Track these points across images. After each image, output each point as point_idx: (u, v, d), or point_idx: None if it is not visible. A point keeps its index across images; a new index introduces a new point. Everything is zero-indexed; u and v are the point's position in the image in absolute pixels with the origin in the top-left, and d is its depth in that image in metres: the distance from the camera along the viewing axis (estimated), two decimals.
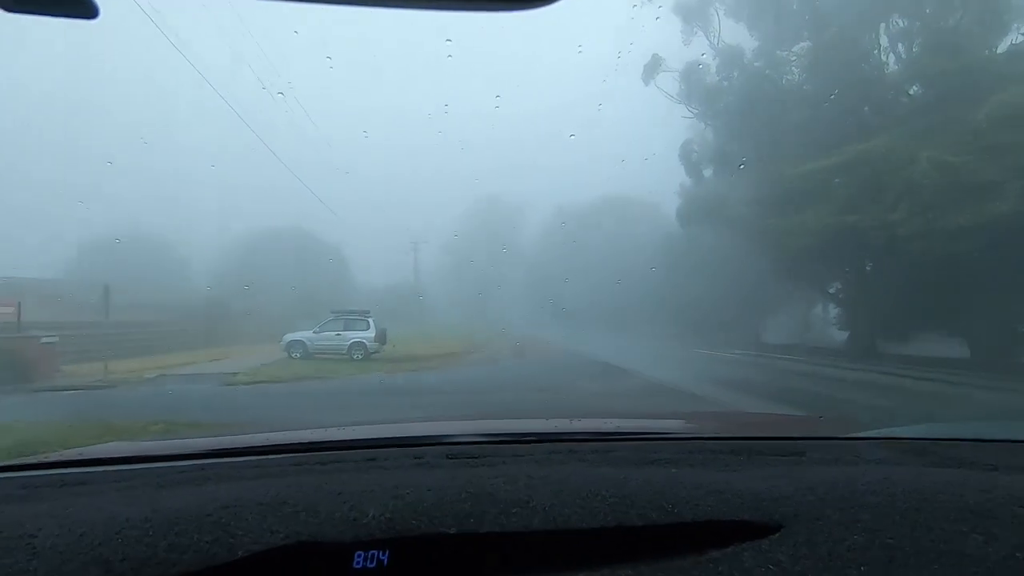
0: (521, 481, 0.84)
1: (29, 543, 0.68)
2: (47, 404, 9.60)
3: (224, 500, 0.79)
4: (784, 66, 21.07)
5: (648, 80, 22.23)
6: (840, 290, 21.82)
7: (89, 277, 18.79)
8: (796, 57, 20.72)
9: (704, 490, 0.82)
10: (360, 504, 0.76)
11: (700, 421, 2.10)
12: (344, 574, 0.71)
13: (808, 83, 20.25)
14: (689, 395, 9.39)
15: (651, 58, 22.09)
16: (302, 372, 13.66)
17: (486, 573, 0.72)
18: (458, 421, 1.84)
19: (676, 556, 0.71)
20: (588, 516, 0.75)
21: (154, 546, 0.67)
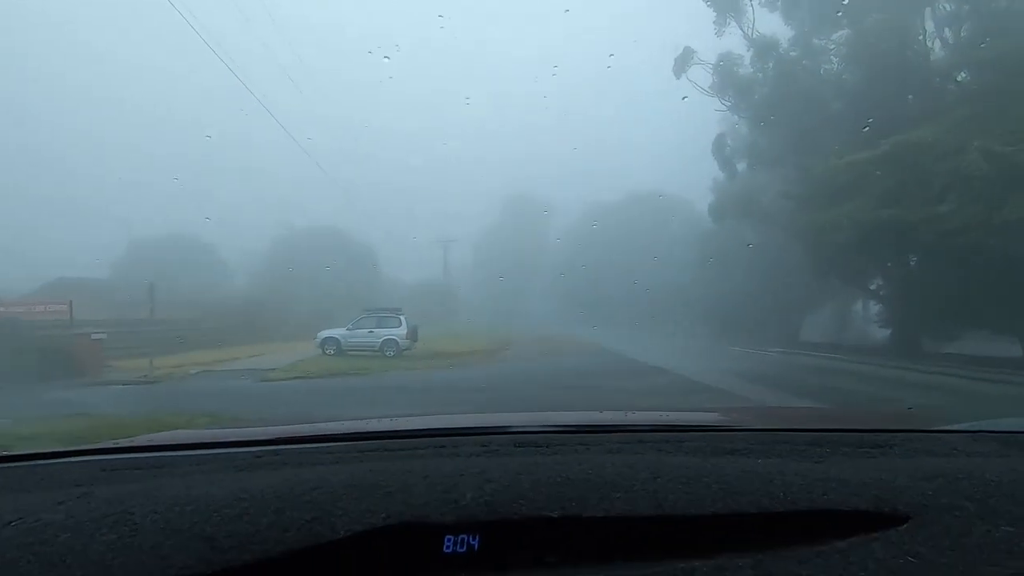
0: (609, 468, 0.82)
1: (129, 519, 0.70)
2: (98, 397, 10.02)
3: (312, 482, 0.79)
4: (822, 55, 20.45)
5: (679, 73, 21.86)
6: (882, 286, 21.09)
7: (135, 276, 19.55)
8: (835, 46, 20.09)
9: (809, 479, 0.80)
10: (455, 487, 0.76)
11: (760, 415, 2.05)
12: (434, 557, 0.70)
13: (847, 72, 19.61)
14: (728, 393, 9.19)
15: (682, 51, 21.73)
16: (336, 368, 13.91)
17: (589, 557, 0.70)
18: (518, 413, 1.84)
19: (796, 545, 0.68)
20: (694, 502, 0.73)
21: (255, 523, 0.68)
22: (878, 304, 22.12)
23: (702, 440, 1.17)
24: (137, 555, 0.63)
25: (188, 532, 0.67)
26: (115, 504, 0.74)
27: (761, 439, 1.19)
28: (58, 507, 0.75)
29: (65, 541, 0.66)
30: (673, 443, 1.13)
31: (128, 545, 0.65)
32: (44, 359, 12.05)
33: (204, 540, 0.65)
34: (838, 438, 1.19)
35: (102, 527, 0.68)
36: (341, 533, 0.67)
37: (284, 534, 0.67)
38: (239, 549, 0.64)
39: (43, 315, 15.40)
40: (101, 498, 0.78)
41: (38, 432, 5.86)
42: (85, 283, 20.98)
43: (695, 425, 1.42)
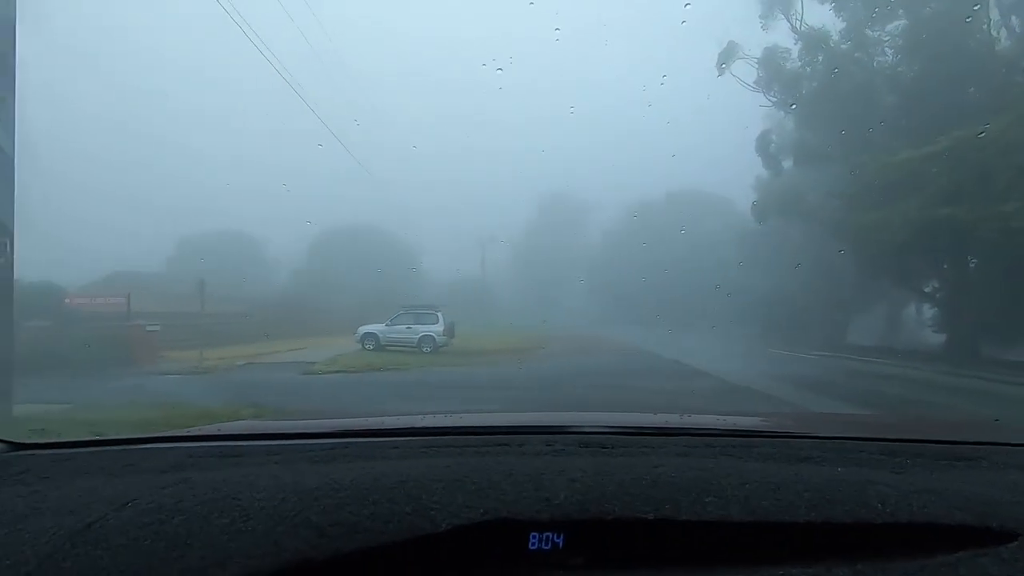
0: (690, 472, 0.82)
1: (236, 504, 0.73)
2: (153, 387, 10.50)
3: (394, 476, 0.81)
4: (875, 47, 19.59)
5: (722, 68, 21.30)
6: (937, 288, 20.10)
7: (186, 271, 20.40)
8: (889, 37, 19.21)
9: (903, 490, 0.77)
10: (543, 486, 0.76)
11: (822, 421, 1.99)
12: (520, 554, 0.71)
13: (903, 64, 18.74)
14: (774, 398, 8.93)
15: (726, 45, 21.17)
16: (375, 363, 14.19)
17: (683, 560, 0.70)
18: (575, 412, 1.84)
19: (897, 557, 0.67)
20: (787, 509, 0.72)
21: (357, 514, 0.71)
22: (932, 307, 21.10)
23: (772, 446, 1.14)
24: (251, 539, 0.67)
25: (295, 519, 0.70)
26: (217, 489, 0.78)
27: (833, 447, 1.16)
28: (164, 491, 0.79)
29: (181, 523, 0.70)
30: (742, 448, 1.12)
31: (241, 529, 0.68)
32: (104, 349, 12.70)
33: (312, 528, 0.68)
34: (915, 448, 1.15)
35: (212, 511, 0.72)
36: (442, 527, 0.69)
37: (386, 525, 0.69)
38: (345, 538, 0.67)
39: (103, 307, 16.24)
40: (200, 483, 0.82)
41: (104, 417, 6.21)
42: (140, 277, 22.03)
43: (759, 430, 1.39)
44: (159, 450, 1.21)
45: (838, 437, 1.30)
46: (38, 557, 0.65)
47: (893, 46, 19.06)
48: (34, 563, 0.64)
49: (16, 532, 0.70)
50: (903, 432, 1.56)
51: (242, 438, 1.39)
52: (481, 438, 1.25)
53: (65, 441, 1.31)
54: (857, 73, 18.96)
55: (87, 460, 1.10)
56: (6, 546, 0.67)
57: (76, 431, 4.32)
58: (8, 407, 5.64)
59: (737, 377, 11.12)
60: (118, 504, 0.75)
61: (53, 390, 7.80)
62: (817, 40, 19.83)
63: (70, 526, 0.70)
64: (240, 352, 15.48)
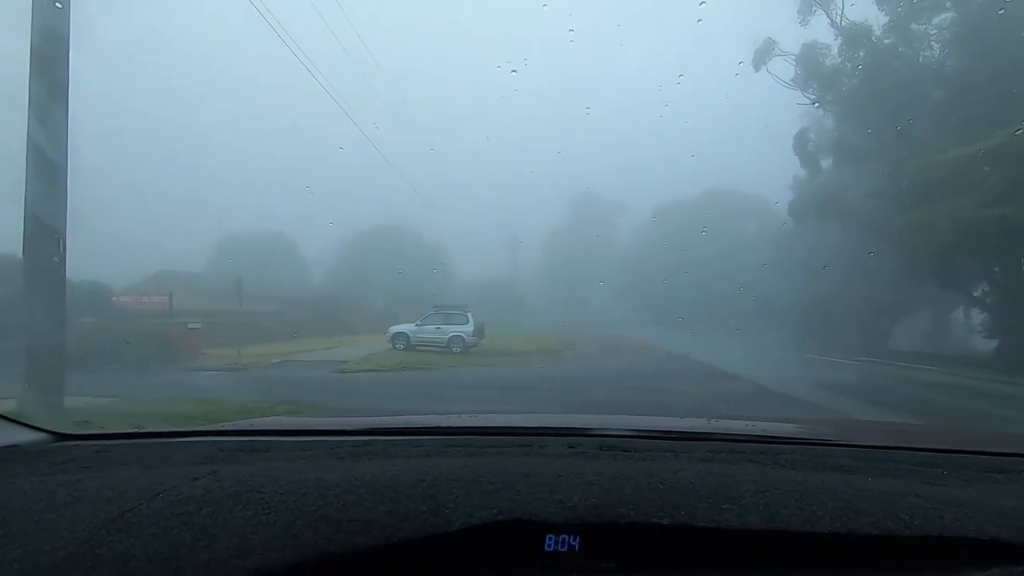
0: (710, 478, 0.80)
1: (259, 498, 0.75)
2: (194, 382, 10.88)
3: (414, 475, 0.83)
4: (921, 41, 18.82)
5: (759, 66, 20.78)
6: (987, 292, 19.16)
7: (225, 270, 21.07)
8: (936, 31, 18.43)
9: (936, 502, 0.74)
10: (558, 488, 0.76)
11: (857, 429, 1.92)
12: (535, 555, 0.71)
13: (951, 59, 17.94)
14: (809, 404, 8.67)
15: (763, 42, 20.67)
16: (405, 362, 14.36)
17: (698, 567, 0.69)
18: (599, 415, 1.83)
19: (927, 571, 0.64)
20: (810, 519, 0.70)
21: (374, 511, 0.72)
22: (982, 311, 20.13)
23: (800, 454, 1.11)
24: (272, 532, 0.69)
25: (315, 514, 0.72)
26: (243, 483, 0.81)
27: (865, 456, 1.12)
28: (194, 482, 0.82)
29: (208, 514, 0.73)
30: (769, 455, 1.09)
31: (263, 522, 0.70)
32: (148, 345, 13.23)
33: (330, 523, 0.70)
34: (954, 459, 1.10)
35: (237, 504, 0.74)
36: (456, 526, 0.70)
37: (403, 522, 0.70)
38: (363, 534, 0.68)
39: (147, 305, 16.94)
40: (229, 476, 0.85)
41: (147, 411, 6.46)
42: (182, 276, 22.87)
43: (789, 437, 1.35)
44: (193, 443, 1.26)
45: (871, 446, 1.26)
46: (75, 543, 0.68)
47: (940, 40, 18.29)
48: (71, 548, 0.67)
49: (57, 518, 0.74)
50: (942, 442, 1.50)
51: (272, 434, 1.43)
52: (503, 439, 1.26)
53: (106, 433, 1.38)
54: (901, 68, 18.27)
55: (126, 452, 1.15)
56: (47, 531, 0.71)
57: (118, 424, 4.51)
58: (60, 399, 5.94)
59: (772, 382, 10.83)
60: (151, 494, 0.79)
61: (100, 384, 8.17)
62: (859, 35, 19.17)
63: (106, 514, 0.74)
64: (275, 350, 15.89)
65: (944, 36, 18.06)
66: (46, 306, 6.03)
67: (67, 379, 6.08)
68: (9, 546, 0.68)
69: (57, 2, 5.84)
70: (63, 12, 5.97)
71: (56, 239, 5.97)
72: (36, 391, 5.71)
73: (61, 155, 5.96)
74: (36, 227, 5.90)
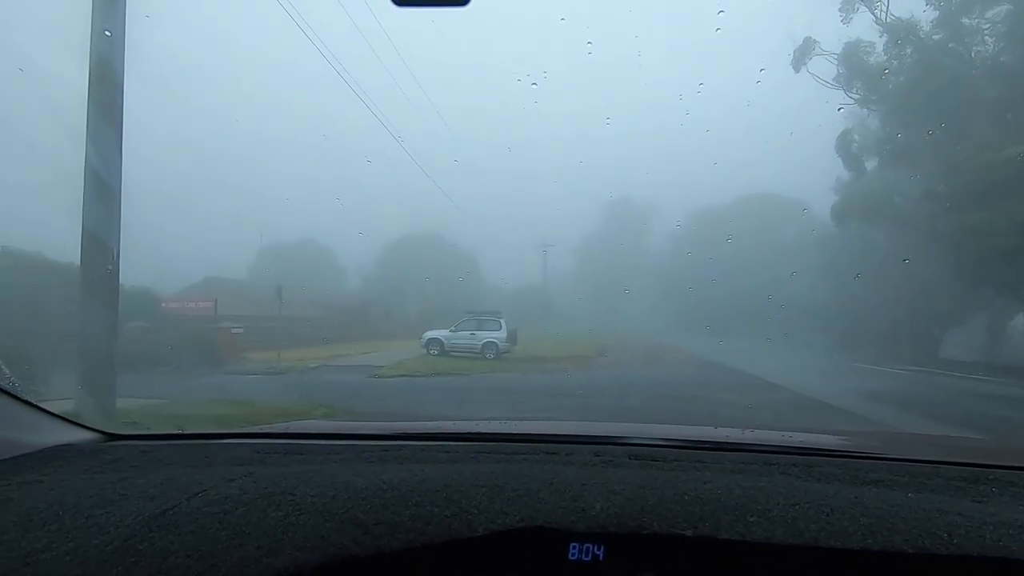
0: (738, 489, 0.79)
1: (291, 499, 0.78)
2: (236, 385, 11.24)
3: (439, 480, 0.84)
4: (973, 36, 18.03)
5: (799, 66, 20.29)
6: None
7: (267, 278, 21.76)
8: (990, 25, 17.61)
9: (977, 520, 0.71)
10: (581, 496, 0.76)
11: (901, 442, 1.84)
12: (559, 564, 0.71)
13: (1006, 54, 17.12)
14: (854, 415, 8.32)
15: (802, 42, 20.18)
16: (439, 368, 14.48)
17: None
18: (629, 423, 1.81)
19: None
20: (838, 534, 0.68)
21: (399, 514, 0.74)
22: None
23: (836, 466, 1.08)
24: (302, 532, 0.71)
25: (343, 516, 0.74)
26: (277, 484, 0.84)
27: (908, 471, 1.07)
28: (231, 483, 0.86)
29: (243, 513, 0.76)
30: (803, 467, 1.06)
31: (293, 523, 0.73)
32: (194, 349, 13.77)
33: (357, 525, 0.72)
34: (1005, 476, 1.04)
35: (270, 504, 0.77)
36: (479, 531, 0.70)
37: (426, 527, 0.71)
38: (388, 537, 0.70)
39: (194, 310, 17.63)
40: (263, 478, 0.88)
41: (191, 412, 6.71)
42: (226, 282, 23.70)
43: (826, 449, 1.31)
44: (232, 445, 1.31)
45: (914, 460, 1.21)
46: (121, 538, 0.72)
47: (994, 34, 17.48)
48: (118, 543, 0.71)
49: (105, 515, 0.78)
50: (994, 458, 1.42)
51: (306, 437, 1.47)
52: (530, 446, 1.26)
53: (153, 434, 1.44)
54: (952, 65, 17.52)
55: (170, 452, 1.20)
56: (96, 527, 0.75)
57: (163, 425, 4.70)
58: (112, 401, 6.23)
59: (813, 392, 10.45)
60: (190, 493, 0.82)
61: (149, 385, 8.53)
62: (905, 31, 18.50)
63: (149, 511, 0.78)
64: (313, 354, 16.28)
65: (999, 30, 17.25)
66: (100, 312, 6.36)
67: (118, 381, 6.39)
68: (62, 540, 0.72)
69: (106, 31, 6.20)
70: (117, 41, 6.33)
71: (110, 249, 6.30)
72: (90, 393, 6.01)
73: (115, 173, 6.32)
74: (92, 237, 6.24)
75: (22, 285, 9.89)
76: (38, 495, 0.85)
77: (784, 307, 22.04)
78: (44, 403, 1.30)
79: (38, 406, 1.27)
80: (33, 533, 0.74)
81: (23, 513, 0.79)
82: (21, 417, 1.21)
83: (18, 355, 6.52)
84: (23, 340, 7.24)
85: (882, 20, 19.24)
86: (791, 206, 32.51)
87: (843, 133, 21.43)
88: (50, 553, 0.70)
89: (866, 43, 19.39)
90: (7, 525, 0.76)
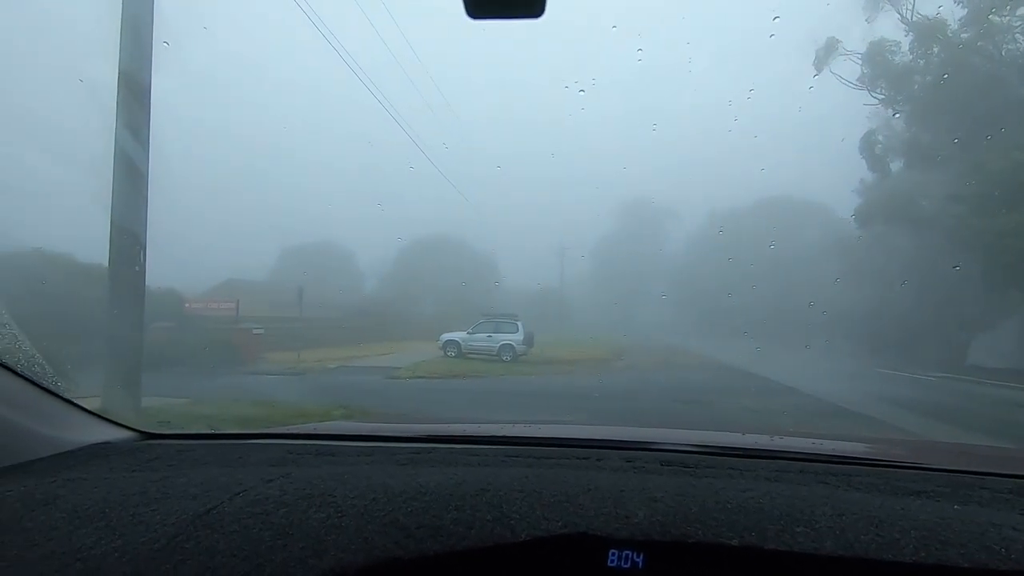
0: (779, 498, 0.77)
1: (332, 501, 0.79)
2: (256, 385, 11.40)
3: (475, 483, 0.84)
4: (1003, 34, 17.58)
5: (821, 67, 19.99)
6: None
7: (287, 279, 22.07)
8: (1021, 22, 17.17)
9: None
10: (622, 503, 0.76)
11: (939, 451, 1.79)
12: (597, 571, 0.71)
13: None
14: (879, 422, 8.13)
15: (825, 42, 19.87)
16: (456, 370, 14.53)
17: None
18: (657, 428, 1.79)
19: None
20: (890, 547, 0.66)
21: (441, 517, 0.74)
22: None
23: (876, 476, 1.05)
24: (345, 535, 0.72)
25: (384, 519, 0.74)
26: (314, 486, 0.84)
27: (950, 481, 1.04)
28: (269, 484, 0.87)
29: (284, 514, 0.76)
30: (840, 476, 1.03)
31: (336, 525, 0.73)
32: (216, 349, 13.99)
33: (399, 528, 0.72)
34: None
35: (311, 506, 0.78)
36: (522, 536, 0.70)
37: (468, 530, 0.71)
38: (430, 540, 0.70)
39: (216, 311, 17.93)
40: (300, 479, 0.89)
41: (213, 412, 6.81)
42: (248, 284, 24.08)
43: (860, 457, 1.28)
44: (264, 445, 1.32)
45: (956, 470, 1.17)
46: (167, 536, 0.73)
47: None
48: (164, 541, 0.72)
49: (150, 513, 0.80)
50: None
51: (335, 438, 1.48)
52: (559, 450, 1.25)
53: (186, 433, 1.47)
54: (981, 64, 17.11)
55: (205, 451, 1.23)
56: (142, 524, 0.77)
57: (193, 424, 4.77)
58: (138, 399, 6.37)
59: (840, 398, 10.24)
60: (231, 493, 0.83)
61: (172, 385, 8.69)
62: (932, 30, 18.12)
63: (192, 511, 0.79)
64: (332, 355, 16.44)
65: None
66: (127, 312, 6.52)
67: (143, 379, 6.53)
68: (110, 536, 0.74)
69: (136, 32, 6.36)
70: (146, 37, 6.49)
71: (137, 251, 6.45)
72: (117, 391, 6.15)
73: (142, 174, 6.47)
74: (120, 241, 6.41)
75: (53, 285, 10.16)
76: (83, 492, 0.87)
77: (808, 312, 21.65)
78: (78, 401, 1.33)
79: (77, 404, 1.31)
80: (82, 530, 0.76)
81: (70, 510, 0.81)
82: (62, 415, 1.24)
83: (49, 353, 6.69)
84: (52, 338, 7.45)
85: (908, 19, 18.88)
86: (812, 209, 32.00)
87: (867, 134, 21.07)
88: (99, 549, 0.71)
89: (891, 42, 19.05)
90: (57, 521, 0.78)
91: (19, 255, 11.55)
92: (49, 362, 1.47)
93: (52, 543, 0.73)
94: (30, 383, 1.18)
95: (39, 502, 0.83)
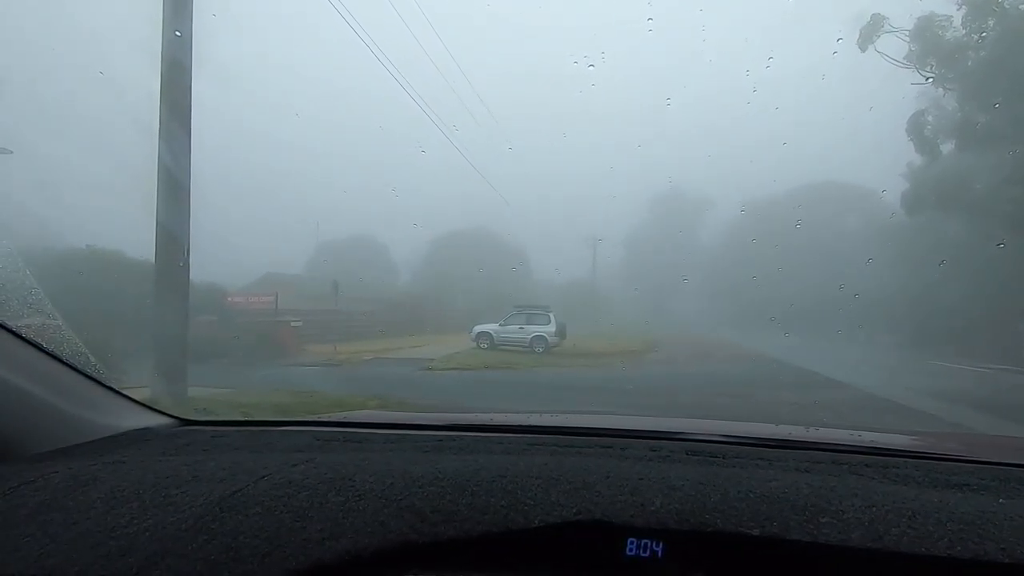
0: (806, 488, 0.75)
1: (351, 485, 0.81)
2: (295, 376, 11.74)
3: (494, 470, 0.84)
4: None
5: (865, 45, 19.10)
6: None
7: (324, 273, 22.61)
8: None
9: None
10: (640, 491, 0.75)
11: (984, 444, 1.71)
12: (615, 558, 0.70)
13: None
14: (930, 416, 7.78)
15: (870, 19, 18.97)
16: (489, 362, 14.62)
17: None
18: (687, 419, 1.76)
19: None
20: (924, 540, 0.63)
21: (456, 503, 0.74)
22: None
23: (914, 468, 1.00)
24: (361, 518, 0.73)
25: (401, 503, 0.75)
26: (337, 471, 0.86)
27: (996, 475, 0.99)
28: (293, 468, 0.89)
29: (306, 498, 0.79)
30: (877, 468, 0.99)
31: (353, 508, 0.75)
32: (255, 341, 14.46)
33: (415, 512, 0.73)
34: None
35: (331, 490, 0.80)
36: (535, 523, 0.70)
37: (483, 516, 0.72)
38: (445, 524, 0.71)
39: (256, 305, 18.52)
40: (323, 464, 0.91)
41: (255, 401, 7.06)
42: (286, 278, 24.77)
43: (900, 449, 1.22)
44: (293, 432, 1.36)
45: (1004, 463, 1.11)
46: (195, 516, 0.77)
47: None
48: (191, 521, 0.76)
49: (181, 494, 0.83)
50: None
51: (362, 426, 1.51)
52: (584, 439, 1.24)
53: (221, 420, 1.52)
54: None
55: (237, 437, 1.27)
56: (172, 505, 0.80)
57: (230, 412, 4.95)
58: (184, 389, 6.66)
59: (883, 390, 9.85)
60: (256, 476, 0.86)
61: (215, 375, 9.03)
62: (987, 2, 17.07)
63: (219, 492, 0.82)
64: (367, 347, 16.78)
65: None
66: (172, 305, 6.81)
67: (188, 371, 6.81)
68: (142, 517, 0.78)
69: (176, 31, 6.57)
70: (186, 42, 6.70)
71: (181, 246, 6.72)
72: (164, 381, 6.44)
73: (185, 174, 6.73)
74: (165, 236, 6.69)
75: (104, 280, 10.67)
76: (121, 475, 0.92)
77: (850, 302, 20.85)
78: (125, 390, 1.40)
79: (121, 392, 1.37)
80: (117, 509, 0.80)
81: (108, 491, 0.85)
82: (106, 402, 1.30)
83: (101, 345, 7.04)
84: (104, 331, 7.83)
85: None
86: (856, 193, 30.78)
87: (916, 114, 20.03)
88: (132, 528, 0.75)
89: (942, 17, 18.03)
90: (95, 501, 0.83)
91: (73, 254, 12.16)
92: (99, 354, 1.54)
93: (89, 521, 0.77)
94: (77, 372, 1.24)
95: (81, 483, 0.88)
